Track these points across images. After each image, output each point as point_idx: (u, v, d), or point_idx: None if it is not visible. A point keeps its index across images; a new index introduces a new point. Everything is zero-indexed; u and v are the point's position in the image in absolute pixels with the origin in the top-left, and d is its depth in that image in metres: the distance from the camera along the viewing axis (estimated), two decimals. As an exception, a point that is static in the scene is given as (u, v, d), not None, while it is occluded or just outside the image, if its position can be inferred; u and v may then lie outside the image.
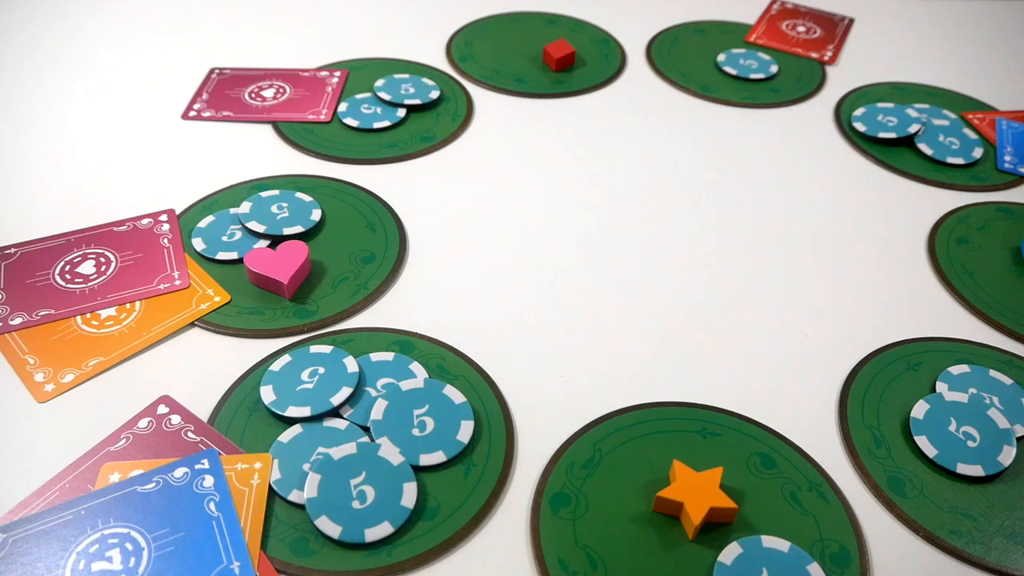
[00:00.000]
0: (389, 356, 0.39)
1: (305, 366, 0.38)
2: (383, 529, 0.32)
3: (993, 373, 0.40)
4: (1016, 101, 0.61)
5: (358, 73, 0.59)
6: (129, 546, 0.31)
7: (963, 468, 0.35)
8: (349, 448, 0.34)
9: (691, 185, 0.52)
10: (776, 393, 0.39)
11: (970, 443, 0.36)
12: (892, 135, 0.55)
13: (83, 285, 0.42)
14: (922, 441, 0.36)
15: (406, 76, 0.58)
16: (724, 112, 0.58)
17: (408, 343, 0.40)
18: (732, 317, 0.43)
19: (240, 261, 0.44)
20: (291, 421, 0.36)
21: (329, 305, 0.42)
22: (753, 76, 0.61)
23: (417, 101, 0.56)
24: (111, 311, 0.41)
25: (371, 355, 0.39)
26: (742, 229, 0.49)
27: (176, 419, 0.36)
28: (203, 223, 0.46)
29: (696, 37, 0.66)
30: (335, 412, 0.36)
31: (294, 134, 0.54)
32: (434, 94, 0.57)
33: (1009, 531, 0.34)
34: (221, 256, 0.44)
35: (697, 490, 0.33)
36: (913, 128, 0.55)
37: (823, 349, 0.42)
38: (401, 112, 0.55)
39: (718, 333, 0.42)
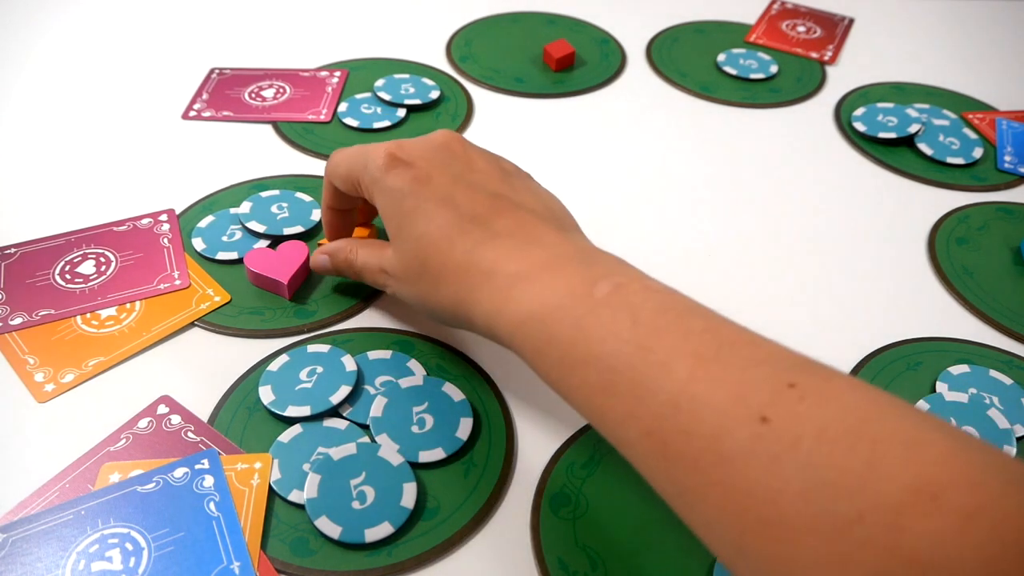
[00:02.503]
0: (387, 354, 0.39)
1: (303, 365, 0.38)
2: (383, 529, 0.32)
3: (993, 373, 0.40)
4: (1016, 101, 0.61)
5: (358, 73, 0.59)
6: (129, 546, 0.31)
7: (963, 468, 0.35)
8: (349, 448, 0.34)
9: (691, 185, 0.52)
10: (776, 393, 0.39)
11: (970, 443, 0.36)
12: (892, 135, 0.55)
13: (83, 285, 0.42)
14: (922, 441, 0.36)
15: (406, 76, 0.58)
16: (724, 112, 0.58)
17: (408, 343, 0.40)
18: (731, 317, 0.43)
19: (240, 261, 0.44)
20: (291, 421, 0.36)
21: (329, 305, 0.42)
22: (753, 76, 0.61)
23: (417, 101, 0.56)
24: (111, 311, 0.41)
25: (368, 353, 0.39)
26: (741, 229, 0.48)
27: (176, 419, 0.36)
28: (203, 223, 0.46)
29: (696, 37, 0.66)
30: (335, 411, 0.36)
31: (294, 134, 0.54)
32: (434, 94, 0.57)
33: (1009, 531, 0.34)
34: (221, 256, 0.44)
35: None
36: (913, 128, 0.55)
37: (823, 349, 0.41)
38: (401, 112, 0.55)
39: (718, 333, 0.42)
